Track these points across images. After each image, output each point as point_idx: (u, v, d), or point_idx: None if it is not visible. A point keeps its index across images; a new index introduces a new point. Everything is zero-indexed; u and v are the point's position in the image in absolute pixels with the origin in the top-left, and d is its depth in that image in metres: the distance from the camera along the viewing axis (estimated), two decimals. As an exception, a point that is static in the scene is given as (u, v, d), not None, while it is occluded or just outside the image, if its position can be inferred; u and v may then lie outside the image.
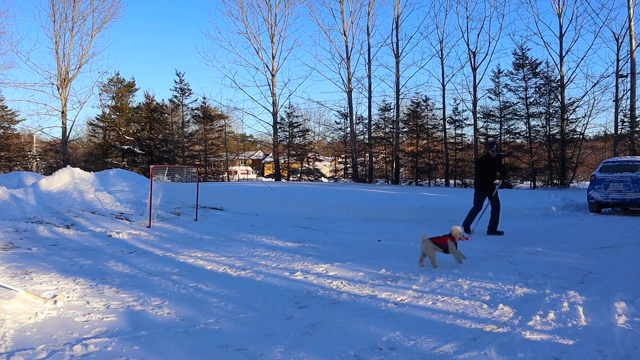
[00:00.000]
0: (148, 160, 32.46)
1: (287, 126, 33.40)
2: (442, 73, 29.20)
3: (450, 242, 5.84)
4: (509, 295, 4.44)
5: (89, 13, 29.89)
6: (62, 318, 3.70)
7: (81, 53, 29.97)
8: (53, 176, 10.85)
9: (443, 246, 5.83)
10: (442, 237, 5.90)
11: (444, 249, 5.83)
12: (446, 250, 5.83)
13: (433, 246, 5.77)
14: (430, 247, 5.75)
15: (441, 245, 5.83)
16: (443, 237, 5.91)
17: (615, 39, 24.74)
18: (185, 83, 33.88)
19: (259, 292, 4.61)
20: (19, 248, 6.45)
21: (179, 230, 8.75)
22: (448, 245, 5.82)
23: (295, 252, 6.85)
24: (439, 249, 5.82)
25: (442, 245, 5.83)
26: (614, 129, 25.17)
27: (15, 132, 33.37)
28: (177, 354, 3.07)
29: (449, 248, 5.82)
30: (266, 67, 30.93)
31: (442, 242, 5.85)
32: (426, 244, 5.78)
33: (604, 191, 11.64)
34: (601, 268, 5.66)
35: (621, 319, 3.65)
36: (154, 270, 5.47)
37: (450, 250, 5.83)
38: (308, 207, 12.36)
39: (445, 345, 3.21)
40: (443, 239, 5.87)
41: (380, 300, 4.36)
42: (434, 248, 5.77)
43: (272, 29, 30.56)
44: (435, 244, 5.80)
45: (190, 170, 14.82)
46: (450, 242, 5.84)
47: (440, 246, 5.83)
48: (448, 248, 5.82)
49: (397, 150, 30.35)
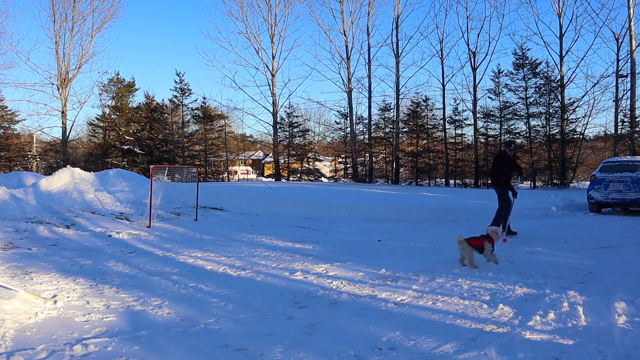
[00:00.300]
0: (148, 160, 32.46)
1: (287, 126, 33.40)
2: (442, 73, 29.21)
3: (487, 244, 5.72)
4: (509, 295, 4.45)
5: (89, 13, 29.91)
6: (62, 318, 3.70)
7: (81, 53, 29.99)
8: (53, 176, 10.85)
9: (479, 248, 5.72)
10: (478, 239, 5.77)
11: (480, 250, 5.72)
12: (482, 251, 5.72)
13: (470, 247, 5.68)
14: (468, 249, 5.67)
15: (477, 247, 5.72)
16: (480, 238, 5.77)
17: (615, 39, 24.75)
18: (185, 83, 33.90)
19: (259, 292, 4.61)
20: (19, 248, 6.45)
21: (179, 230, 8.75)
22: (485, 247, 5.70)
23: (295, 252, 6.85)
24: (475, 250, 5.71)
25: (478, 247, 5.72)
26: (614, 129, 25.17)
27: (15, 132, 33.37)
28: (177, 354, 3.07)
29: (485, 250, 5.70)
30: (266, 67, 30.94)
31: (479, 244, 5.73)
32: (463, 245, 5.70)
33: (604, 191, 11.65)
34: (601, 268, 5.66)
35: (621, 319, 3.65)
36: (154, 270, 5.47)
37: (486, 252, 5.71)
38: (308, 207, 12.36)
39: (445, 345, 3.22)
40: (480, 241, 5.74)
41: (380, 300, 4.36)
42: (472, 249, 5.68)
43: (272, 29, 30.57)
44: (471, 246, 5.69)
45: (190, 170, 14.82)
46: (487, 244, 5.72)
47: (476, 248, 5.72)
48: (484, 249, 5.70)
49: (397, 150, 30.35)
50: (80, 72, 30.43)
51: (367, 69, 29.98)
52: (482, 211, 12.41)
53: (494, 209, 8.83)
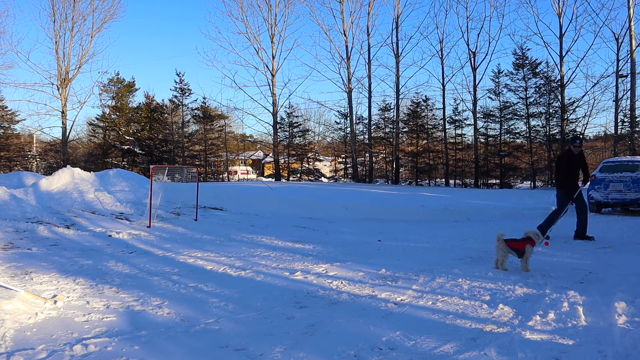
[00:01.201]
0: (148, 160, 32.47)
1: (287, 126, 33.42)
2: (442, 73, 29.26)
3: (529, 247, 5.39)
4: (509, 295, 4.44)
5: (89, 13, 29.97)
6: (62, 318, 3.70)
7: (81, 53, 30.05)
8: (53, 176, 10.85)
9: (519, 251, 5.39)
10: (520, 242, 5.44)
11: (520, 253, 5.40)
12: (521, 255, 5.40)
13: (508, 249, 5.41)
14: (504, 250, 5.42)
15: (518, 250, 5.40)
16: (521, 241, 5.45)
17: (615, 39, 24.80)
18: (185, 83, 33.97)
19: (259, 292, 4.61)
20: (19, 248, 6.45)
21: (179, 230, 8.75)
22: (526, 251, 5.37)
23: (295, 252, 6.85)
24: (512, 252, 5.42)
25: (519, 251, 5.39)
26: (614, 129, 25.20)
27: (15, 132, 33.43)
28: (177, 354, 3.07)
29: (526, 253, 5.38)
30: (266, 67, 30.99)
31: (520, 247, 5.41)
32: (500, 245, 5.45)
33: (604, 191, 11.65)
34: (601, 268, 5.66)
35: (621, 319, 3.65)
36: (154, 270, 5.47)
37: (526, 256, 5.39)
38: (308, 207, 12.37)
39: (445, 345, 3.21)
40: (521, 244, 5.41)
41: (380, 300, 4.36)
42: (508, 251, 5.42)
43: (272, 29, 30.62)
44: (510, 248, 5.42)
45: (190, 170, 14.81)
46: (529, 247, 5.39)
47: (516, 251, 5.40)
48: (525, 253, 5.38)
49: (397, 150, 30.36)
50: (80, 72, 30.54)
51: (367, 69, 30.05)
52: (482, 211, 12.42)
53: (494, 209, 8.82)
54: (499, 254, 5.52)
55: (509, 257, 5.53)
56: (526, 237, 5.49)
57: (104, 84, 33.93)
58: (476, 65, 28.19)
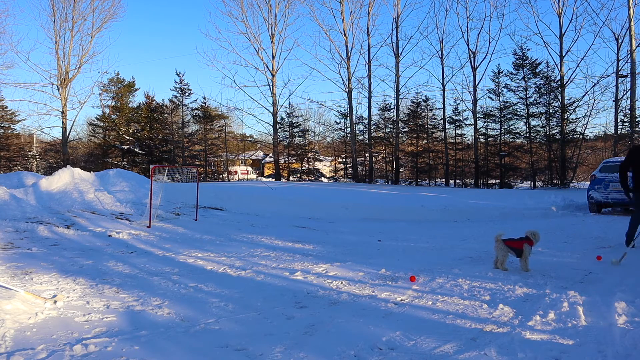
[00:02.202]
0: (148, 160, 32.47)
1: (287, 126, 33.42)
2: (442, 73, 29.26)
3: (527, 246, 5.43)
4: (509, 295, 4.45)
5: (89, 13, 29.97)
6: (62, 318, 3.70)
7: (81, 53, 30.05)
8: (53, 176, 10.85)
9: (518, 250, 5.44)
10: (517, 241, 5.49)
11: (518, 253, 5.44)
12: (520, 254, 5.44)
13: (507, 249, 5.45)
14: (503, 250, 5.46)
15: (516, 249, 5.44)
16: (519, 240, 5.49)
17: (615, 39, 24.80)
18: (185, 83, 33.95)
19: (259, 292, 4.61)
20: (19, 248, 6.45)
21: (179, 230, 8.75)
22: (524, 250, 5.42)
23: (295, 252, 6.85)
24: (512, 252, 5.46)
25: (517, 250, 5.44)
26: (614, 129, 25.21)
27: (15, 132, 33.42)
28: (177, 354, 3.07)
29: (524, 252, 5.42)
30: (266, 67, 30.99)
31: (518, 246, 5.44)
32: (499, 245, 5.48)
33: (604, 191, 11.65)
34: (601, 268, 5.66)
35: (621, 319, 3.66)
36: (154, 270, 5.47)
37: (525, 256, 5.43)
38: (308, 207, 12.37)
39: (445, 345, 3.21)
40: (519, 243, 5.46)
41: (380, 300, 4.36)
42: (508, 251, 5.46)
43: (272, 29, 30.61)
44: (509, 247, 5.46)
45: (190, 170, 14.82)
46: (527, 246, 5.43)
47: (515, 250, 5.44)
48: (523, 253, 5.42)
49: (397, 150, 30.36)
50: (80, 72, 30.55)
51: (367, 69, 30.04)
52: (482, 211, 12.42)
53: (494, 209, 8.82)
54: (498, 254, 5.54)
55: (508, 257, 5.55)
56: (524, 237, 5.53)
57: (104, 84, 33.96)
58: (476, 65, 28.21)
